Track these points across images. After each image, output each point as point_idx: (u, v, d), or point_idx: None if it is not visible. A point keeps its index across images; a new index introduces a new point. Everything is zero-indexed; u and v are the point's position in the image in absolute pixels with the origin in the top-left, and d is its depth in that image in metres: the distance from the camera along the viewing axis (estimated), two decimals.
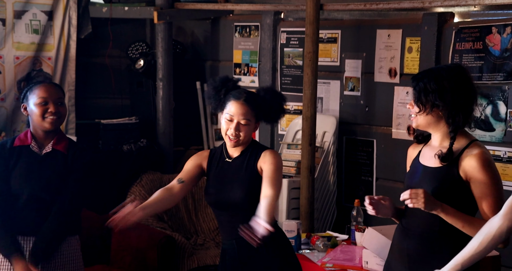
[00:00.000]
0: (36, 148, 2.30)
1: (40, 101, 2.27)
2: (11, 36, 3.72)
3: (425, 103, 1.89)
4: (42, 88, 2.29)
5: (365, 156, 3.54)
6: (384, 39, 3.42)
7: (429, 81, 1.89)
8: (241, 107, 2.09)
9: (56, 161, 2.28)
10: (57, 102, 2.29)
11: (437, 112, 1.89)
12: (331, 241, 2.82)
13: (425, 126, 1.93)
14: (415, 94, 1.91)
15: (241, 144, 2.14)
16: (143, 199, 3.73)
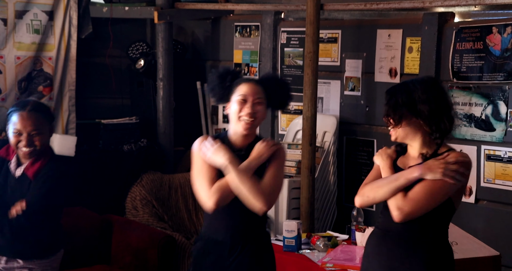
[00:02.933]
0: (13, 166, 2.26)
1: (14, 131, 2.21)
2: (12, 36, 3.72)
3: (396, 117, 1.92)
4: (19, 118, 2.21)
5: (365, 156, 3.54)
6: (384, 39, 3.42)
7: (401, 95, 1.92)
8: (254, 87, 2.01)
9: (22, 187, 2.23)
10: (32, 134, 2.20)
11: (417, 123, 1.90)
12: (331, 241, 2.82)
13: (403, 138, 1.96)
14: (386, 109, 1.95)
15: (254, 127, 2.03)
16: (143, 199, 3.77)
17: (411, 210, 1.84)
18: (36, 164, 2.26)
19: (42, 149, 2.27)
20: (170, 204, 3.86)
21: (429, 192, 1.84)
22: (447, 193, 1.87)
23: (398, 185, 1.88)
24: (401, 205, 1.85)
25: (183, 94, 4.21)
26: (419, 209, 1.85)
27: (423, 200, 1.84)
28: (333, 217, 3.57)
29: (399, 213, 1.85)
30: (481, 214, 3.06)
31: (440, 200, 1.87)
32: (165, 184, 3.90)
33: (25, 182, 2.24)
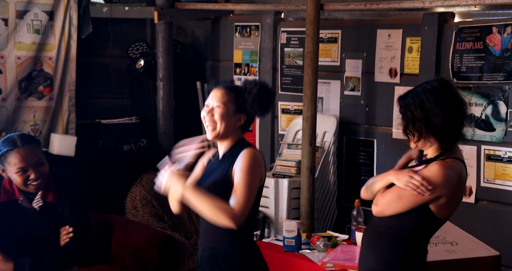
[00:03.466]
0: (25, 202, 2.21)
1: (18, 170, 2.17)
2: (13, 36, 3.72)
3: (416, 133, 1.94)
4: (17, 156, 2.16)
5: (365, 156, 3.54)
6: (384, 39, 3.42)
7: (415, 108, 1.93)
8: (217, 91, 1.94)
9: (49, 214, 2.21)
10: (36, 165, 2.18)
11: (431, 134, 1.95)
12: (331, 241, 2.82)
13: (423, 146, 1.98)
14: (405, 124, 1.97)
15: (221, 135, 1.94)
16: (143, 199, 3.77)
17: (381, 207, 1.99)
18: (49, 189, 2.24)
19: (47, 180, 2.25)
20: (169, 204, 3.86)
21: (397, 196, 1.96)
22: (415, 201, 1.93)
23: (379, 185, 2.02)
24: (376, 201, 2.02)
25: (183, 94, 4.21)
26: (388, 208, 1.98)
27: (391, 201, 1.97)
28: (333, 217, 3.57)
29: (374, 207, 2.02)
30: (481, 214, 3.06)
31: (409, 206, 1.95)
32: None
33: (51, 208, 2.21)
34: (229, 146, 1.99)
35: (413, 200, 1.93)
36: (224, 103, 1.94)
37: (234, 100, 1.95)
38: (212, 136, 1.97)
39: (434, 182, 1.89)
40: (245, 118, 1.98)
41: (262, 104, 1.96)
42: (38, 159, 2.19)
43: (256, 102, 1.95)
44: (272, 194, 3.45)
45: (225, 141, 1.99)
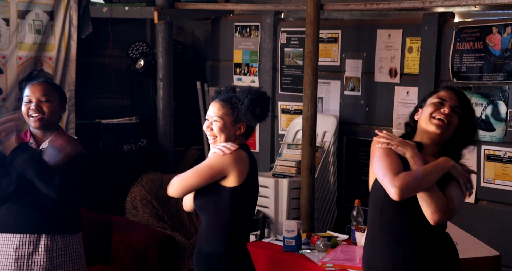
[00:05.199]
0: (34, 144, 2.29)
1: (25, 99, 2.28)
2: (15, 36, 3.72)
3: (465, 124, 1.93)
4: (29, 87, 2.30)
5: (365, 156, 3.54)
6: (384, 39, 3.42)
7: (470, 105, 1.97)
8: (214, 105, 2.10)
9: None
10: (41, 100, 2.26)
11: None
12: (331, 241, 2.82)
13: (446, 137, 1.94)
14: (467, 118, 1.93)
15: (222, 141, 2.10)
16: (143, 199, 3.77)
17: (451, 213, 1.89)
18: (60, 139, 2.29)
19: (52, 121, 2.30)
20: (170, 204, 3.86)
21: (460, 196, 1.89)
22: None
23: (437, 176, 1.87)
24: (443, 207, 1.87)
25: (183, 94, 4.21)
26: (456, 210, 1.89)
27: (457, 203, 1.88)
28: (333, 217, 3.57)
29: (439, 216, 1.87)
30: (481, 214, 3.06)
31: None
32: (165, 184, 3.88)
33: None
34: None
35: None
36: (220, 117, 2.07)
37: (230, 112, 2.07)
38: (212, 143, 2.12)
39: None
40: (245, 126, 2.10)
41: (256, 114, 2.07)
42: (46, 95, 2.27)
43: (249, 112, 2.06)
44: (272, 194, 3.45)
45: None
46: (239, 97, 2.07)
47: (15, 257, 2.23)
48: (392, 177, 1.85)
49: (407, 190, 1.84)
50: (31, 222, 2.25)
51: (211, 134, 2.09)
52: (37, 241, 2.25)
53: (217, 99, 2.10)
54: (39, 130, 2.29)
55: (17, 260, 2.23)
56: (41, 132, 2.30)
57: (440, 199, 1.85)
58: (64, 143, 2.26)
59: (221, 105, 2.07)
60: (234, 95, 2.09)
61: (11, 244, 2.24)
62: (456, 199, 1.86)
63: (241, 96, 2.06)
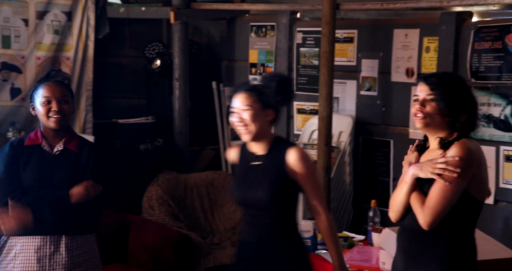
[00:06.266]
0: (47, 147, 2.29)
1: (43, 100, 2.27)
2: (34, 36, 3.76)
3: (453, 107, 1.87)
4: (46, 87, 2.29)
5: (381, 156, 3.52)
6: (401, 39, 3.40)
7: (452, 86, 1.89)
8: (239, 96, 2.07)
9: (68, 159, 2.27)
10: (61, 100, 2.27)
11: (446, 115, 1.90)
12: (347, 241, 2.81)
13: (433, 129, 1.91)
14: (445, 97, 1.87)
15: (256, 135, 2.05)
16: (159, 198, 3.79)
17: (433, 219, 1.86)
18: (73, 140, 2.31)
19: (68, 122, 2.32)
20: (186, 203, 3.88)
21: (443, 197, 1.85)
22: (459, 190, 1.86)
23: (405, 191, 1.90)
24: (423, 217, 1.87)
25: (199, 94, 4.23)
26: (440, 215, 1.86)
27: (439, 206, 1.85)
28: (349, 218, 3.56)
29: (425, 225, 1.87)
30: (500, 215, 3.02)
31: (455, 198, 1.87)
32: (181, 183, 3.91)
33: (69, 155, 2.28)
34: (267, 145, 2.09)
35: (456, 190, 1.83)
36: (250, 105, 2.05)
37: (258, 99, 2.06)
38: (248, 138, 2.07)
39: (461, 160, 1.82)
40: (273, 112, 2.08)
41: (284, 94, 2.08)
42: (64, 95, 2.29)
43: (278, 94, 2.06)
44: None
45: (260, 141, 2.08)
46: (264, 83, 2.08)
47: (37, 257, 2.25)
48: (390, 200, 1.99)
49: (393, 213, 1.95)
50: (51, 225, 2.26)
51: (242, 124, 2.04)
52: (57, 242, 2.27)
53: (241, 90, 2.07)
54: (58, 130, 2.29)
55: (39, 260, 2.25)
56: (53, 133, 2.30)
57: (417, 207, 1.87)
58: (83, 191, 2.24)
59: (247, 94, 2.05)
60: (257, 84, 2.10)
61: (32, 245, 2.26)
62: (433, 197, 1.84)
63: (266, 81, 2.08)
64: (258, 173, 2.08)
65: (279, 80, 2.07)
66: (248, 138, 2.06)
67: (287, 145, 2.07)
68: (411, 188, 1.88)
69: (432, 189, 1.86)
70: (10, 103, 3.72)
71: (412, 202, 1.89)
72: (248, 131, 2.04)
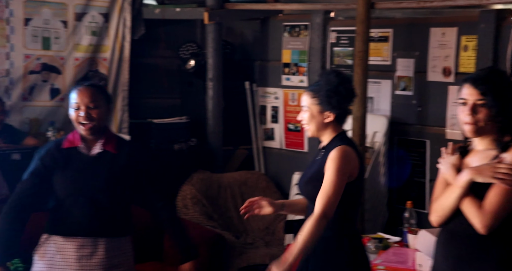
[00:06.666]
0: (85, 149, 2.29)
1: (74, 106, 2.26)
2: (72, 38, 3.84)
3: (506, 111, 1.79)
4: (76, 92, 2.27)
5: (417, 156, 3.47)
6: (438, 38, 3.35)
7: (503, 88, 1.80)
8: (303, 94, 2.14)
9: (107, 161, 2.27)
10: (90, 106, 2.24)
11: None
12: (382, 243, 2.78)
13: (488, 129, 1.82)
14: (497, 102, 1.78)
15: (316, 133, 2.12)
16: (194, 197, 3.82)
17: (493, 222, 1.78)
18: (111, 141, 2.31)
19: (102, 126, 2.30)
20: (219, 203, 3.90)
21: (505, 201, 1.77)
22: None
23: (457, 195, 1.81)
24: (482, 221, 1.78)
25: (232, 94, 4.25)
26: (500, 218, 1.78)
27: (500, 210, 1.77)
28: (384, 219, 3.52)
29: (485, 229, 1.79)
30: None
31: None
32: (215, 183, 3.94)
33: (108, 157, 2.28)
34: (327, 140, 2.13)
35: None
36: (308, 106, 2.11)
37: (316, 102, 2.09)
38: (309, 135, 2.15)
39: None
40: (334, 113, 2.08)
41: (333, 104, 2.06)
42: (94, 100, 2.25)
43: (326, 103, 2.07)
44: None
45: (323, 136, 2.14)
46: (320, 86, 2.09)
47: (76, 257, 2.28)
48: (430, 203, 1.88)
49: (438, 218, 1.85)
50: (90, 228, 2.29)
51: (304, 122, 2.14)
52: (96, 243, 2.30)
53: (307, 89, 2.14)
54: (90, 136, 2.29)
55: (79, 260, 2.28)
56: (92, 136, 2.29)
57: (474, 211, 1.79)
58: None
59: (308, 94, 2.11)
60: (319, 84, 2.11)
61: (71, 246, 2.29)
62: (494, 201, 1.76)
63: (322, 85, 2.09)
64: (313, 166, 2.14)
65: (328, 89, 2.06)
66: (310, 135, 2.15)
67: (339, 144, 2.08)
68: (465, 192, 1.79)
69: (492, 192, 1.78)
70: (50, 103, 3.82)
71: (466, 206, 1.80)
72: (308, 129, 2.14)
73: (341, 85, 2.06)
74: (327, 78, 2.08)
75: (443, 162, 1.87)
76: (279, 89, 4.15)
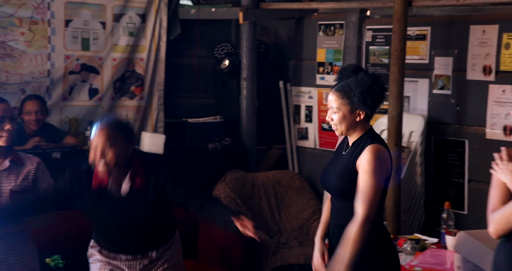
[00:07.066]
0: (114, 187, 2.23)
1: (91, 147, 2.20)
2: (110, 39, 3.90)
3: None
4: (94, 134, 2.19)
5: (455, 157, 3.40)
6: (478, 35, 3.27)
7: None
8: (331, 95, 2.09)
9: (138, 200, 2.23)
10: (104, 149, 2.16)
11: None
12: (419, 244, 2.74)
13: None
14: None
15: (345, 132, 2.10)
16: (227, 196, 3.83)
17: None
18: (138, 174, 2.25)
19: (121, 161, 2.22)
20: (253, 202, 3.91)
21: None
22: None
23: None
24: None
25: (266, 93, 4.25)
26: None
27: None
28: (421, 220, 3.46)
29: None
30: None
31: None
32: (248, 182, 3.95)
33: (138, 195, 2.25)
34: (356, 137, 2.11)
35: None
36: (338, 108, 2.08)
37: (346, 102, 2.07)
38: (338, 133, 2.14)
39: None
40: (363, 112, 2.07)
41: (369, 104, 2.05)
42: (106, 141, 2.17)
43: (361, 103, 2.05)
44: None
45: (352, 133, 2.12)
46: (351, 87, 2.06)
47: (128, 266, 2.31)
48: (488, 215, 1.76)
49: (501, 230, 1.72)
50: (136, 248, 2.31)
51: (332, 124, 2.12)
52: (147, 254, 2.32)
53: (333, 89, 2.09)
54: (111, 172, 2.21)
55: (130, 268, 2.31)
56: (116, 170, 2.20)
57: None
58: None
59: (337, 96, 2.07)
60: (348, 84, 2.07)
61: (122, 259, 2.32)
62: None
63: (352, 86, 2.05)
64: (340, 161, 2.12)
65: (362, 90, 2.03)
66: (338, 134, 2.12)
67: (370, 142, 2.06)
68: None
69: None
70: (88, 103, 3.89)
71: None
72: (336, 129, 2.11)
73: (374, 84, 2.03)
74: (356, 77, 2.04)
75: (500, 169, 1.77)
76: (313, 89, 4.13)
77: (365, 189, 1.99)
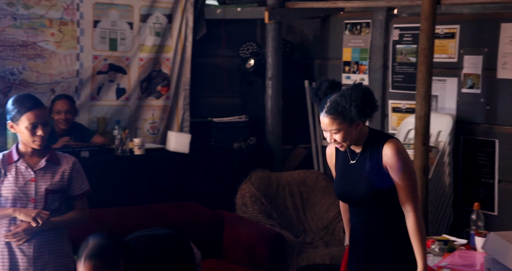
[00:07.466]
0: None
1: None
2: (137, 39, 3.95)
3: None
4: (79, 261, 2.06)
5: (485, 157, 3.35)
6: (509, 33, 3.21)
7: None
8: (324, 120, 2.08)
9: None
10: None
11: None
12: (448, 245, 2.69)
13: None
14: None
15: (350, 145, 2.13)
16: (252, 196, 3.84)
17: None
18: None
19: None
20: (278, 202, 3.90)
21: None
22: None
23: None
24: None
25: (291, 93, 4.24)
26: None
27: None
28: (449, 221, 3.41)
29: None
30: None
31: None
32: (273, 182, 3.95)
33: None
34: (362, 142, 2.14)
35: None
36: (337, 129, 2.08)
37: (343, 120, 2.07)
38: (343, 150, 2.16)
39: None
40: (362, 121, 2.10)
41: (368, 113, 2.07)
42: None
43: (361, 115, 2.06)
44: None
45: (357, 142, 2.14)
46: (344, 105, 2.05)
47: None
48: None
49: None
50: None
51: (337, 144, 2.13)
52: None
53: (324, 113, 2.07)
54: None
55: None
56: None
57: None
58: None
59: (331, 118, 2.06)
60: (338, 103, 2.05)
61: None
62: None
63: (345, 104, 2.05)
64: (356, 170, 2.13)
65: (357, 104, 2.03)
66: (344, 150, 2.14)
67: (382, 140, 2.09)
68: None
69: None
70: (116, 103, 3.94)
71: None
72: (342, 146, 2.13)
73: (365, 94, 2.04)
74: (343, 94, 2.04)
75: None
76: None
77: (405, 185, 2.05)
